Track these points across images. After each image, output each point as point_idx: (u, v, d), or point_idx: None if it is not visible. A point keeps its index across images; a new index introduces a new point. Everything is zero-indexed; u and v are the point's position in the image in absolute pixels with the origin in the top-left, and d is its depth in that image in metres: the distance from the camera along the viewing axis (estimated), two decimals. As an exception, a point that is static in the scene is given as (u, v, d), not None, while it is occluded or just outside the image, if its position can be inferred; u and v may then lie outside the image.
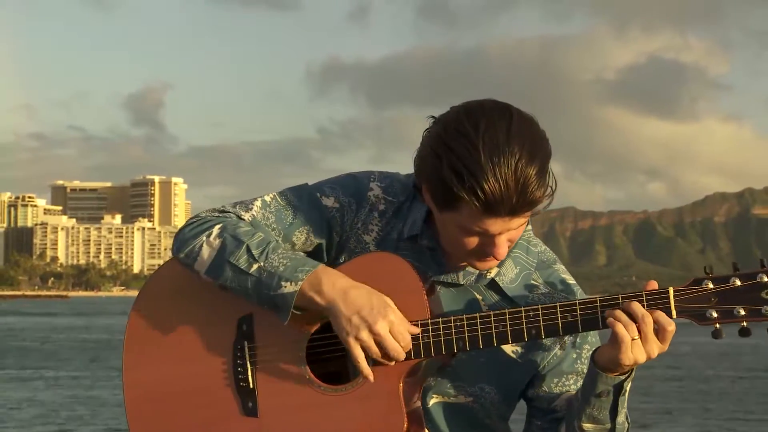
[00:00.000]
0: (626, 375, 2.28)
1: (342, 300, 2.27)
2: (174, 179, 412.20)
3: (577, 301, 2.25)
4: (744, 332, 2.16)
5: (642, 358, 2.21)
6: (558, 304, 2.25)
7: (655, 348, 2.21)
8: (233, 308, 2.41)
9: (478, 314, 2.27)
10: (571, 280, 2.46)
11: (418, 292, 2.29)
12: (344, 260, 2.42)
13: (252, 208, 2.46)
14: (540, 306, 2.25)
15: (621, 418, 2.32)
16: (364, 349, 2.26)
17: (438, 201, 2.27)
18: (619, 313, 2.20)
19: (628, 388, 2.30)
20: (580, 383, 2.39)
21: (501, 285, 2.40)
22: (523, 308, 2.26)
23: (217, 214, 2.45)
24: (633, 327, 2.19)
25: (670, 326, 2.19)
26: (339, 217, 2.45)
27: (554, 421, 2.43)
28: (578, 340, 2.44)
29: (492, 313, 2.27)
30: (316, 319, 2.34)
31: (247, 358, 2.37)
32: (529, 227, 2.46)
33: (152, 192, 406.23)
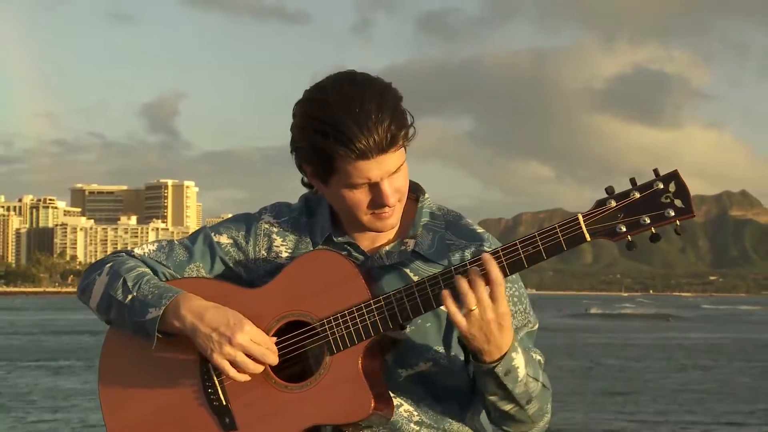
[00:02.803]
0: (495, 362, 2.23)
1: (199, 321, 2.29)
2: (186, 182, 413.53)
3: (500, 248, 2.23)
4: (654, 238, 2.20)
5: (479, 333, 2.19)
6: (476, 259, 2.23)
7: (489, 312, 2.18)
8: None
9: (413, 283, 2.27)
10: (480, 230, 2.46)
11: (354, 277, 2.28)
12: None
13: (146, 247, 2.51)
14: (468, 262, 2.23)
15: (519, 389, 2.28)
16: (232, 362, 2.28)
17: (319, 171, 2.31)
18: (446, 293, 2.20)
19: (513, 367, 2.25)
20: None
21: (422, 253, 2.40)
22: (452, 267, 2.24)
23: (112, 256, 2.49)
24: (469, 297, 2.18)
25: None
26: (234, 251, 2.48)
27: None
28: None
29: (425, 279, 2.27)
30: (267, 331, 2.33)
31: (215, 378, 2.36)
32: (428, 195, 2.47)
33: (166, 195, 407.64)
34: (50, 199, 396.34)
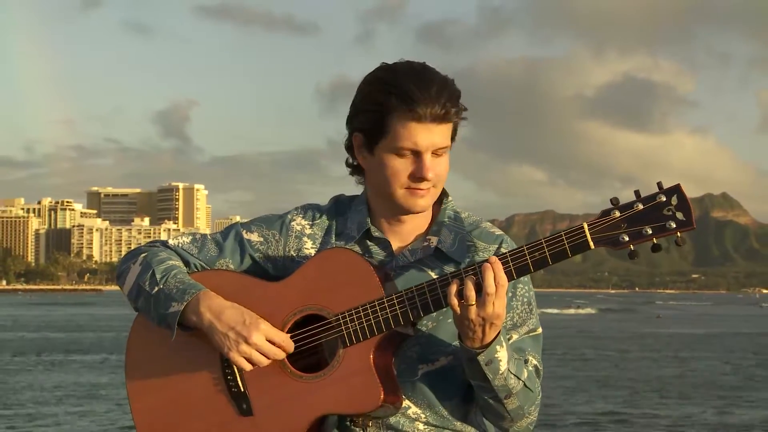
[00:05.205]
0: (480, 348, 2.25)
1: (217, 319, 2.31)
2: (196, 186, 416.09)
3: (508, 253, 2.25)
4: (655, 248, 2.20)
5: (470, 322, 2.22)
6: (483, 261, 2.24)
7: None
8: None
9: (425, 283, 2.28)
10: (498, 232, 2.47)
11: (369, 275, 2.30)
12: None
13: (181, 239, 2.53)
14: (476, 264, 2.24)
15: (499, 382, 2.29)
16: (248, 359, 2.30)
17: (370, 134, 2.33)
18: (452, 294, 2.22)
19: (495, 359, 2.26)
20: (511, 317, 2.41)
21: (444, 250, 2.40)
22: (462, 269, 2.25)
23: (148, 246, 2.51)
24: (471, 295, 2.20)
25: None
26: (264, 248, 2.48)
27: None
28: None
29: (437, 279, 2.28)
30: (285, 323, 2.36)
31: (234, 366, 2.37)
32: (451, 199, 2.48)
33: (177, 197, 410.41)
34: (68, 202, 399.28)
